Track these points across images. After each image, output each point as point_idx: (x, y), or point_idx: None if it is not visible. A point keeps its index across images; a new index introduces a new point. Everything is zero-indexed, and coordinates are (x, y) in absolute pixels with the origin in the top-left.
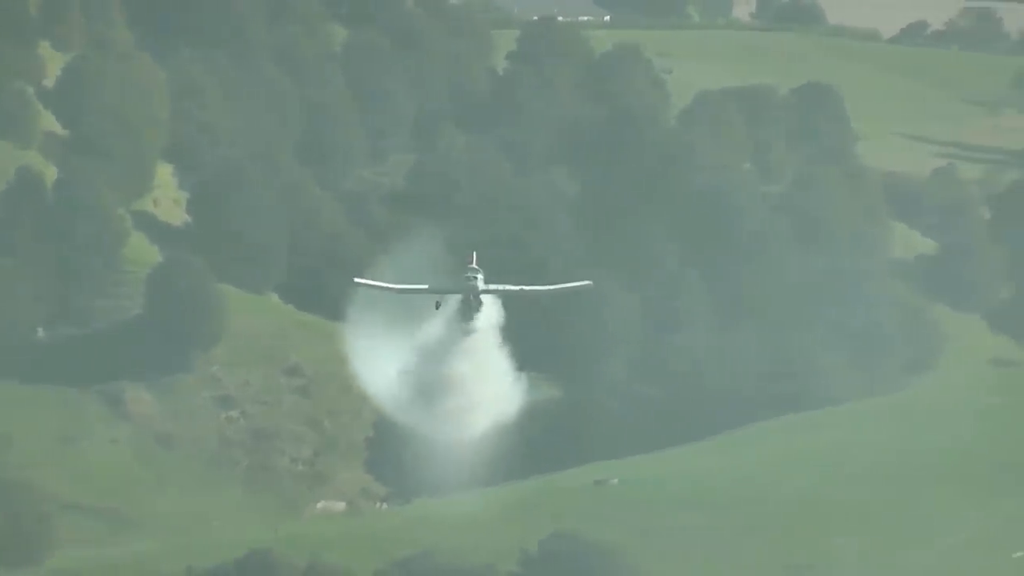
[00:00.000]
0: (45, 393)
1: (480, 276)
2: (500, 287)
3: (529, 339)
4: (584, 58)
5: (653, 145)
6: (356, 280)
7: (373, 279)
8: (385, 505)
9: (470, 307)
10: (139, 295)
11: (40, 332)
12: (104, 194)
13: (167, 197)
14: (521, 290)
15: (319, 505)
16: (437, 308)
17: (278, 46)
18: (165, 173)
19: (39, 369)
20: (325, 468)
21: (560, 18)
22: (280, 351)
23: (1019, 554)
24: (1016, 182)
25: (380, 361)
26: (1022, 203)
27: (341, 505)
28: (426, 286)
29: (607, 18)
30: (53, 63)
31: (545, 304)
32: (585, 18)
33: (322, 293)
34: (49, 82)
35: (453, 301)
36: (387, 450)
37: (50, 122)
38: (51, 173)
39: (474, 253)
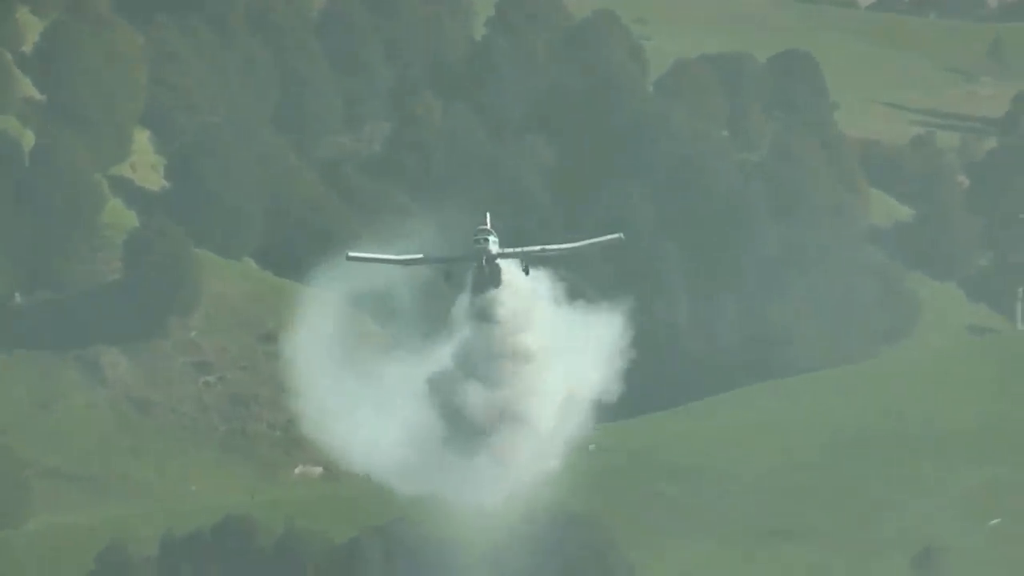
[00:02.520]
0: (22, 358)
1: (493, 238)
2: (519, 249)
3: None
4: (562, 25)
5: (630, 113)
6: (349, 254)
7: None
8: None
9: (485, 277)
10: (116, 260)
11: (17, 297)
12: (82, 159)
13: (144, 163)
14: (543, 250)
15: (296, 470)
16: (447, 281)
17: (255, 13)
18: (143, 139)
19: (16, 334)
20: (302, 433)
21: None
22: (257, 317)
23: (995, 521)
24: (993, 150)
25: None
26: (999, 171)
27: (318, 470)
28: (432, 255)
29: None
30: (31, 29)
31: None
32: None
33: (298, 258)
34: (27, 48)
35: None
36: None
37: (28, 88)
38: (29, 138)
39: (487, 214)
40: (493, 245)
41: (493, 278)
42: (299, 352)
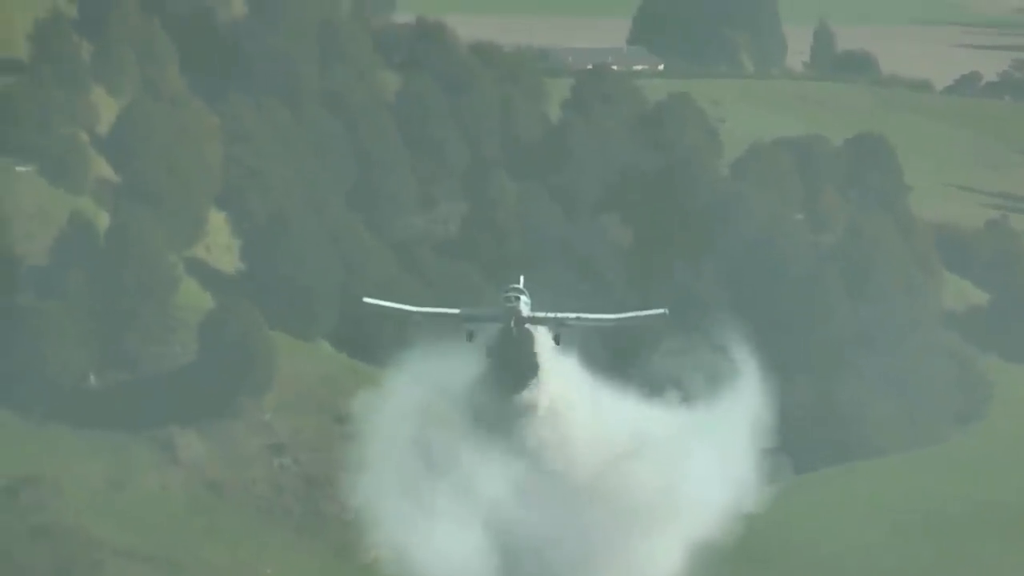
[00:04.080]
0: (96, 439)
1: (526, 299)
2: (551, 315)
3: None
4: (637, 107)
5: (705, 194)
6: (365, 300)
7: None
8: None
9: (513, 342)
10: (191, 341)
11: (92, 378)
12: (156, 240)
13: (219, 244)
14: (579, 318)
15: (371, 554)
16: (469, 339)
17: (330, 92)
18: (218, 219)
19: (90, 415)
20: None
21: (614, 67)
22: (331, 398)
23: None
24: None
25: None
26: None
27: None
28: (456, 310)
29: (661, 67)
30: (107, 109)
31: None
32: (639, 67)
33: (373, 340)
34: (103, 128)
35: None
36: None
37: (103, 168)
38: (104, 219)
39: (521, 276)
40: (524, 307)
41: (524, 342)
42: (372, 437)
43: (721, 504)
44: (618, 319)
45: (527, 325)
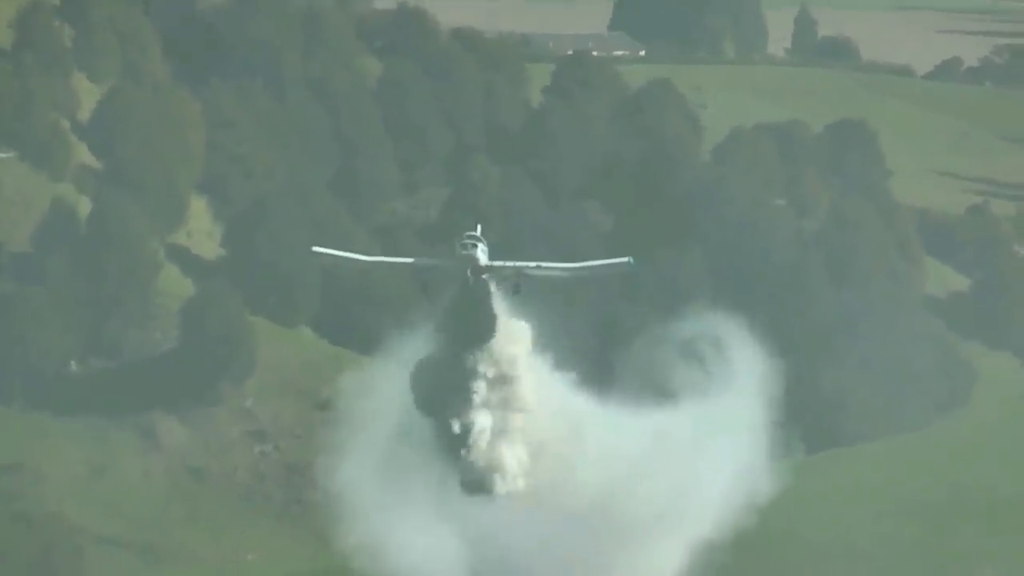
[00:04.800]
0: (78, 425)
1: (483, 247)
2: (510, 263)
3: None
4: (618, 92)
5: (687, 180)
6: (314, 249)
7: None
8: None
9: (469, 293)
10: (172, 327)
11: (73, 364)
12: (138, 226)
13: (201, 230)
14: (540, 267)
15: (352, 539)
16: (425, 291)
17: (312, 79)
18: (199, 206)
19: (72, 401)
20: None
21: (595, 53)
22: (312, 385)
23: None
24: None
25: None
26: None
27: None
28: (408, 259)
29: (642, 53)
30: (88, 95)
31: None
32: (620, 53)
33: (355, 326)
34: (84, 114)
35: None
36: None
37: (84, 154)
38: (85, 205)
39: (478, 225)
40: (482, 254)
41: (480, 291)
42: (354, 423)
43: (729, 501)
44: (581, 267)
45: (484, 276)
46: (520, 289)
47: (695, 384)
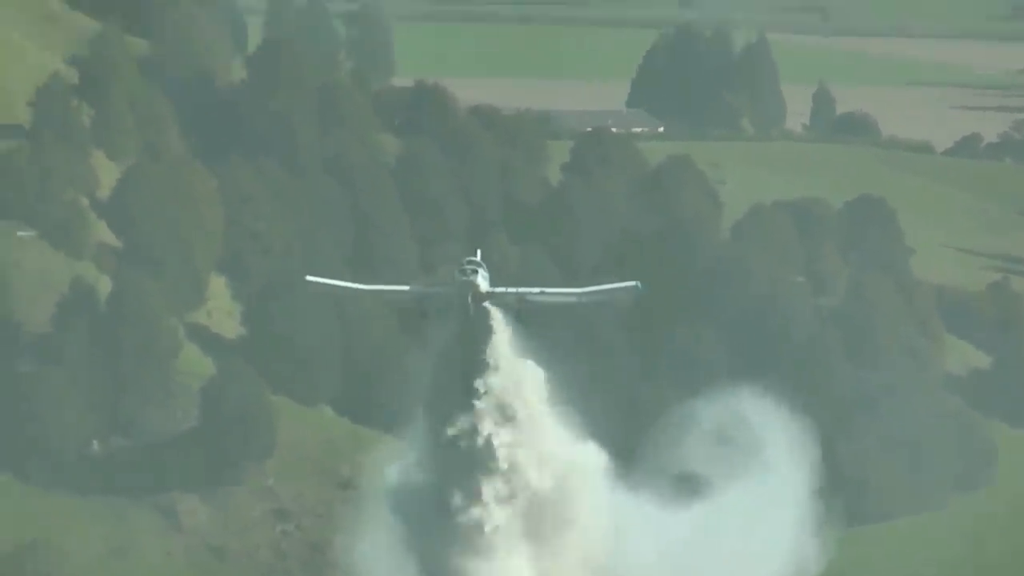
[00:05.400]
0: (99, 505)
1: (484, 273)
2: (512, 289)
3: None
4: (637, 169)
5: (706, 256)
6: (308, 278)
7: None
8: None
9: (471, 323)
10: (193, 407)
11: (94, 444)
12: (158, 305)
13: (220, 308)
14: (543, 293)
15: None
16: (423, 319)
17: (330, 155)
18: (219, 284)
19: (93, 481)
20: None
21: (614, 129)
22: (334, 464)
23: None
24: None
25: None
26: None
27: None
28: (405, 287)
29: (661, 129)
30: (107, 173)
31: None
32: (639, 129)
33: (375, 405)
34: (103, 192)
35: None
36: None
37: (104, 232)
38: (105, 284)
39: (478, 250)
40: (483, 280)
41: (481, 321)
42: (375, 501)
43: None
44: (586, 293)
45: (486, 303)
46: (522, 317)
47: (728, 467)
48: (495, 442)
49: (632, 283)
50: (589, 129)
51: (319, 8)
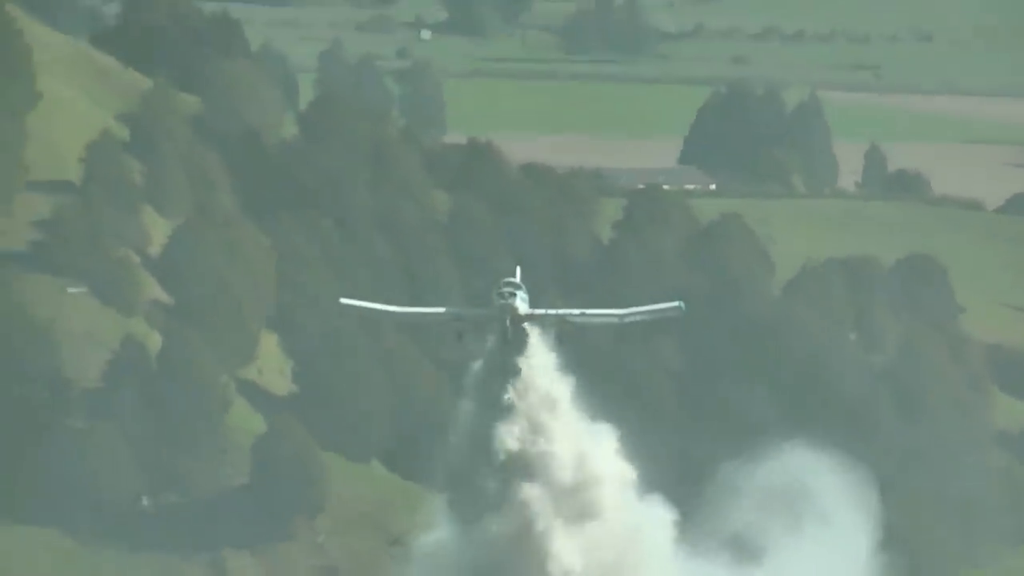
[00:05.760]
0: (149, 561)
1: (523, 294)
2: (552, 311)
3: None
4: (689, 227)
5: (757, 315)
6: (342, 301)
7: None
8: None
9: (508, 343)
10: (243, 463)
11: (144, 500)
12: (208, 362)
13: (271, 365)
14: (583, 314)
15: None
16: (459, 340)
17: (381, 213)
18: (270, 341)
19: (143, 537)
20: None
21: (665, 187)
22: (385, 520)
23: None
24: None
25: None
26: None
27: None
28: (441, 309)
29: (712, 187)
30: (158, 230)
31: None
32: (691, 186)
33: (425, 461)
34: (154, 249)
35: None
36: None
37: (155, 289)
38: (155, 340)
39: (518, 267)
40: (522, 303)
41: (518, 342)
42: (424, 559)
43: None
44: (627, 314)
45: (525, 324)
46: (564, 340)
47: (786, 525)
48: (551, 529)
49: (675, 303)
50: (641, 186)
51: (370, 65)
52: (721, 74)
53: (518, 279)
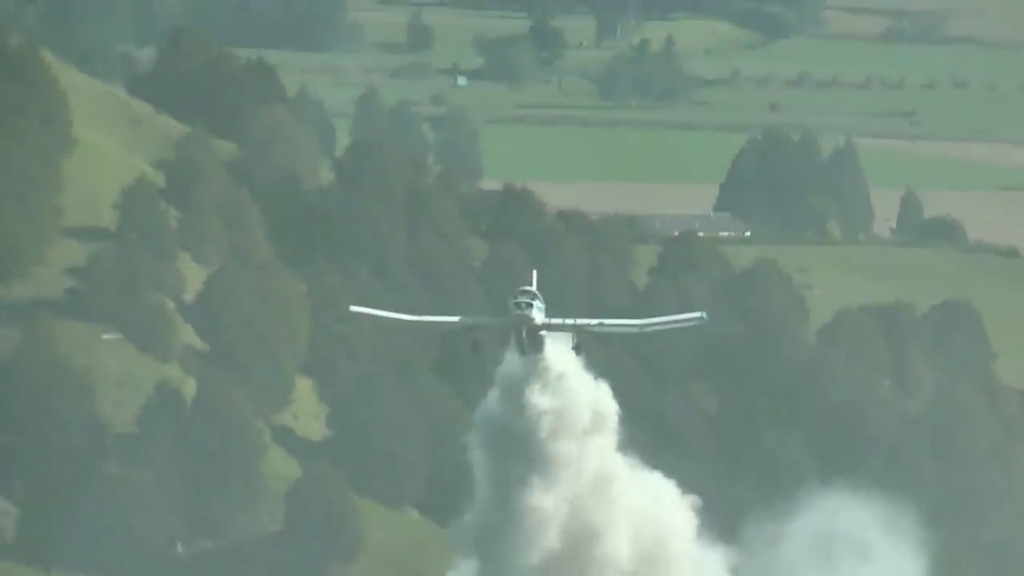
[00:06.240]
0: None
1: (539, 304)
2: (570, 321)
3: None
4: (724, 273)
5: (792, 361)
6: (352, 308)
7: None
8: None
9: (524, 351)
10: (278, 509)
11: (179, 546)
12: (243, 408)
13: (306, 411)
14: (601, 324)
15: None
16: (474, 351)
17: (417, 259)
18: (304, 386)
19: None
20: None
21: (701, 233)
22: (419, 566)
23: None
24: None
25: None
26: None
27: None
28: (455, 318)
29: (748, 233)
30: (193, 276)
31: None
32: (726, 234)
33: (461, 509)
34: (189, 295)
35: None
36: None
37: (190, 335)
38: (191, 386)
39: (534, 271)
40: (538, 313)
41: (535, 352)
42: None
43: None
44: (648, 323)
45: (541, 332)
46: (581, 350)
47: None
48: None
49: (698, 314)
50: (676, 233)
51: (407, 112)
52: (757, 121)
53: (534, 287)
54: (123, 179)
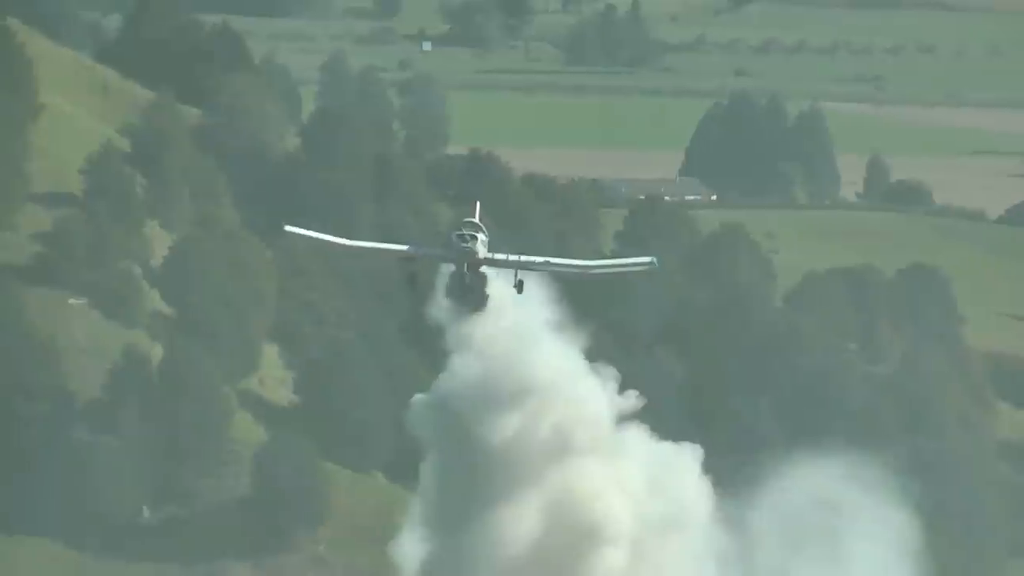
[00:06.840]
0: (150, 573)
1: (483, 236)
2: (514, 257)
3: None
4: (691, 238)
5: (759, 326)
6: (287, 228)
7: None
8: None
9: (464, 289)
10: (245, 474)
11: (145, 511)
12: (210, 373)
13: (273, 377)
14: (547, 263)
15: None
16: (411, 284)
17: (384, 225)
18: (271, 353)
19: (144, 549)
20: None
21: (667, 198)
22: (386, 531)
23: None
24: None
25: None
26: None
27: None
28: (400, 246)
29: (714, 198)
30: (160, 243)
31: None
32: (692, 198)
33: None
34: (156, 261)
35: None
36: None
37: (157, 301)
38: (157, 352)
39: (477, 202)
40: (481, 246)
41: (477, 290)
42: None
43: None
44: (597, 265)
45: (482, 269)
46: (522, 289)
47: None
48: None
49: (648, 259)
50: (642, 198)
51: (372, 78)
52: (723, 86)
53: (478, 218)
54: (90, 145)
